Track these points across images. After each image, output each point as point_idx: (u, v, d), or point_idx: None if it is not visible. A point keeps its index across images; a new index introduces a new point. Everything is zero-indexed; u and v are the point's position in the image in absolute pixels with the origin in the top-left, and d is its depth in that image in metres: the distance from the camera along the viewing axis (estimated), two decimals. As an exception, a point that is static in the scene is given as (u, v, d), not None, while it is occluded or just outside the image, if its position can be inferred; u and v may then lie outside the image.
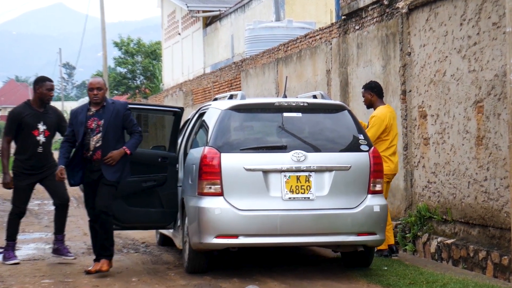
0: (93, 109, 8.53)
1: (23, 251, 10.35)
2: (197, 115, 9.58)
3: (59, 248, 9.48)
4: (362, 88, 9.89)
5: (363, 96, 9.81)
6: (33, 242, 11.23)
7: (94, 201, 8.45)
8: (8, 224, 9.42)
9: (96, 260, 8.55)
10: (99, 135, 8.41)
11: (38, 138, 9.29)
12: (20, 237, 11.74)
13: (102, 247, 8.52)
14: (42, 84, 9.41)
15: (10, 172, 9.35)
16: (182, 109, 9.44)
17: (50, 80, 9.57)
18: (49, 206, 16.56)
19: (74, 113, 8.66)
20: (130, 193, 8.89)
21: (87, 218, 8.82)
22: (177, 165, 9.29)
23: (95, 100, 8.52)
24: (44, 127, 9.35)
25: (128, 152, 8.44)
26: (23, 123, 9.30)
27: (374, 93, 9.69)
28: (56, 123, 9.49)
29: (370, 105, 9.73)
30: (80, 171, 8.52)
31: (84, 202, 8.75)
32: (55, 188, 9.35)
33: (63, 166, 8.47)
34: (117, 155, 8.37)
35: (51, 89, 9.50)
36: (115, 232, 12.14)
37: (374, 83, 9.84)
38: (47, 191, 9.57)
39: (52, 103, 9.71)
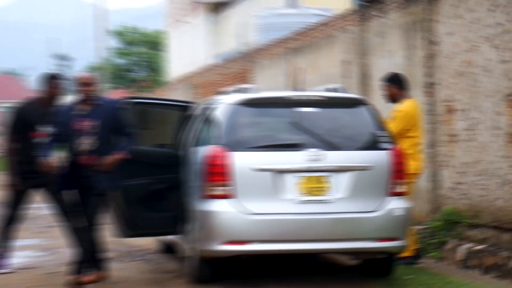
0: (84, 108, 8.32)
1: (16, 259, 10.38)
2: (204, 110, 9.57)
3: None
4: (382, 81, 9.84)
5: (383, 90, 9.75)
6: (27, 250, 11.24)
7: (84, 209, 8.32)
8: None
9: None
10: (92, 137, 8.22)
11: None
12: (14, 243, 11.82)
13: (88, 260, 8.37)
14: (53, 81, 9.29)
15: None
16: (193, 104, 9.41)
17: (61, 78, 9.45)
18: (44, 211, 16.60)
19: (62, 111, 8.47)
20: (144, 197, 8.84)
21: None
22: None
23: (87, 98, 8.31)
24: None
25: (126, 156, 8.30)
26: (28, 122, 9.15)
27: (396, 86, 9.64)
28: None
29: (392, 99, 9.69)
30: (65, 176, 8.38)
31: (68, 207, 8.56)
32: None
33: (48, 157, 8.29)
34: (114, 160, 8.24)
35: (62, 87, 9.35)
36: (117, 239, 12.17)
37: (396, 75, 9.81)
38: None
39: None
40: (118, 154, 8.26)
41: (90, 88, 8.25)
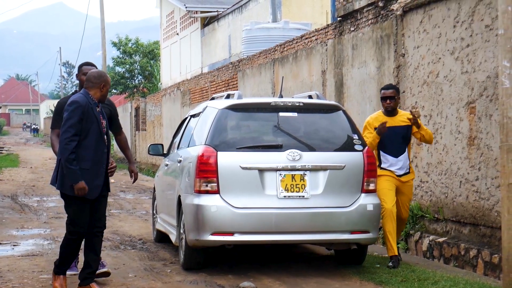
0: (99, 107, 7.16)
1: (21, 247, 10.34)
2: (194, 114, 9.57)
3: None
4: (394, 89, 8.83)
5: (394, 99, 8.79)
6: (32, 238, 11.21)
7: (93, 216, 7.17)
8: None
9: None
10: (105, 136, 7.18)
11: None
12: (19, 233, 11.77)
13: (93, 271, 7.28)
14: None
15: None
16: None
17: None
18: (48, 203, 16.55)
19: (84, 105, 6.94)
20: None
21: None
22: (168, 163, 9.25)
23: (104, 98, 7.26)
24: None
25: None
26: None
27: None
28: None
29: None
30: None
31: (75, 216, 7.10)
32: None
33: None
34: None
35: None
36: (113, 228, 12.12)
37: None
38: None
39: (50, 102, 9.11)
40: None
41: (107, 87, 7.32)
